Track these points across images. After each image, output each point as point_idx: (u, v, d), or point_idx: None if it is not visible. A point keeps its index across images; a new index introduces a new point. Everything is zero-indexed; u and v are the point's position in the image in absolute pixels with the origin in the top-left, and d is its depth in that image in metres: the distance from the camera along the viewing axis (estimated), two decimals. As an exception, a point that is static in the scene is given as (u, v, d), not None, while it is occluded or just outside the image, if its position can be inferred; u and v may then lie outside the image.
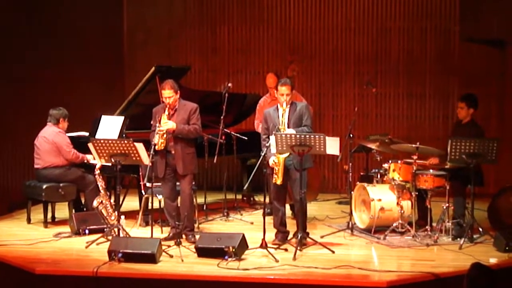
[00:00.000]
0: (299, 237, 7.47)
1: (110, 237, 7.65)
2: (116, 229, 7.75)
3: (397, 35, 11.22)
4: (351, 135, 8.70)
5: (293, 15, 11.44)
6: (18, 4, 9.93)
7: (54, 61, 10.23)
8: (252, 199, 10.27)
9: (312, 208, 9.33)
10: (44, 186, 8.66)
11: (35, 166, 8.83)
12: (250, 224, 8.89)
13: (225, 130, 9.27)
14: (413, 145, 8.03)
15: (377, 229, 8.17)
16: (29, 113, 9.82)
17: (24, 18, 9.99)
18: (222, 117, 9.10)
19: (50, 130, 8.84)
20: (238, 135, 9.46)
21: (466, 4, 10.83)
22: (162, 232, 8.29)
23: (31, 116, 9.77)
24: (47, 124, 8.89)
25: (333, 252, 7.47)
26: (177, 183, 7.96)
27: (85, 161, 8.81)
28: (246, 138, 9.44)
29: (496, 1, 10.30)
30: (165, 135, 7.69)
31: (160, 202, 8.39)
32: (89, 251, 7.59)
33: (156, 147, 7.65)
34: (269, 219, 7.92)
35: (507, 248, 7.38)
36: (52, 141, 8.74)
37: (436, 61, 11.15)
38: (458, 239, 7.79)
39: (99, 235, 7.89)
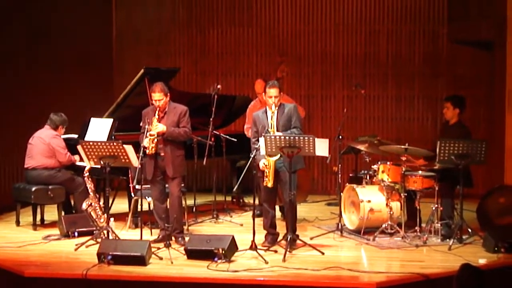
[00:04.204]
0: (288, 238, 7.48)
1: (99, 240, 7.62)
2: (105, 232, 7.73)
3: (385, 38, 11.26)
4: (340, 137, 8.72)
5: (282, 18, 11.45)
6: (10, 9, 9.89)
7: (44, 64, 10.21)
8: (241, 200, 10.25)
9: (302, 210, 9.34)
10: (33, 189, 8.64)
11: (26, 165, 8.81)
12: (240, 226, 8.89)
13: (214, 132, 9.27)
14: (402, 146, 8.06)
15: (367, 230, 8.18)
16: (18, 115, 9.79)
17: (15, 22, 9.95)
18: (211, 119, 9.10)
19: (48, 132, 8.85)
20: (227, 136, 9.46)
21: (455, 6, 10.88)
22: (151, 234, 8.27)
23: (20, 119, 9.74)
24: (44, 126, 8.88)
25: (323, 253, 7.47)
26: (166, 185, 7.96)
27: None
28: (235, 140, 9.44)
29: (484, 3, 10.33)
30: (155, 139, 7.67)
31: (149, 204, 8.37)
32: (79, 253, 7.57)
33: (147, 151, 7.63)
34: (259, 221, 7.93)
35: (496, 248, 7.41)
36: (48, 143, 8.75)
37: (424, 63, 11.19)
38: (447, 240, 7.82)
39: (89, 237, 7.86)
